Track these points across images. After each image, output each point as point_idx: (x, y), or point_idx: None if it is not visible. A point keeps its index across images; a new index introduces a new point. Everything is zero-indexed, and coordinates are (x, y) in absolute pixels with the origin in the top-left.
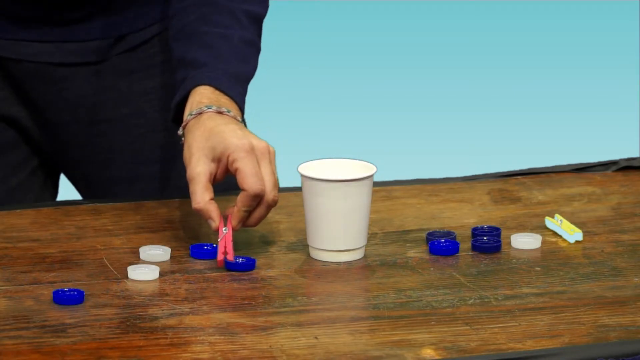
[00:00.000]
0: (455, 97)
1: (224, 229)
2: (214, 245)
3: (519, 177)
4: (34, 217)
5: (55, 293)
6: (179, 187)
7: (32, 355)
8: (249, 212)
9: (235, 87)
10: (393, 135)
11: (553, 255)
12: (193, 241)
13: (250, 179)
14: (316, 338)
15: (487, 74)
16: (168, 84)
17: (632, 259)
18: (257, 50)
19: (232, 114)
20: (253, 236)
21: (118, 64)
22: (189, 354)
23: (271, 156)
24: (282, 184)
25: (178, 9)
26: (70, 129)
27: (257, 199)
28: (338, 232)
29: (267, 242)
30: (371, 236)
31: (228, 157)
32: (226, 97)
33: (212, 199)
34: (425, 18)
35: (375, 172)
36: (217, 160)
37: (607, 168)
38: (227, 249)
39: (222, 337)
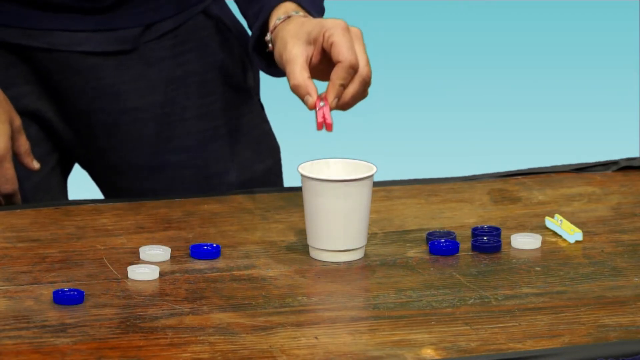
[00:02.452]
0: (455, 97)
1: (321, 102)
2: (214, 245)
3: (519, 177)
4: (34, 217)
5: (55, 293)
6: (207, 176)
7: (32, 355)
8: (344, 87)
9: (314, 7)
10: (393, 136)
11: (553, 255)
12: (193, 241)
13: (345, 50)
14: (316, 338)
15: (487, 74)
16: (197, 71)
17: (632, 259)
18: None
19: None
20: (253, 236)
21: (147, 52)
22: (189, 354)
23: (363, 40)
24: (276, 184)
25: None
26: (99, 118)
27: (352, 71)
28: (338, 232)
29: (267, 242)
30: (371, 236)
31: (324, 34)
32: (307, 13)
33: (309, 78)
34: (425, 18)
35: (375, 172)
36: (313, 41)
37: (607, 168)
38: (325, 120)
39: (222, 337)
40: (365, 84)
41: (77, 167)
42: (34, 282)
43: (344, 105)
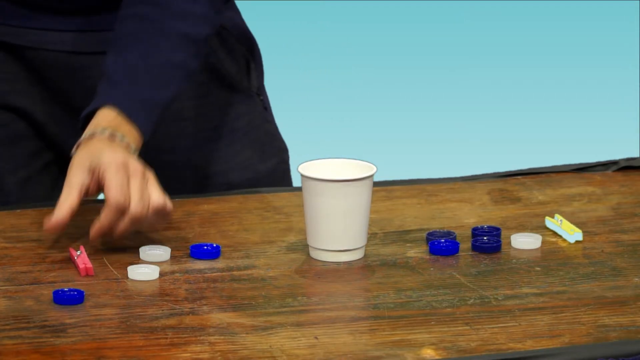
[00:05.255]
0: (455, 97)
1: (77, 252)
2: (214, 245)
3: (519, 177)
4: (34, 217)
5: (55, 293)
6: (207, 176)
7: (32, 355)
8: (111, 226)
9: (141, 113)
10: (393, 136)
11: (553, 255)
12: (193, 241)
13: (113, 190)
14: (316, 338)
15: (487, 73)
16: None
17: (632, 259)
18: (187, 72)
19: (125, 140)
20: (253, 236)
21: None
22: (189, 354)
23: (146, 176)
24: (282, 184)
25: (120, 16)
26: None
27: (119, 211)
28: (338, 232)
29: (267, 242)
30: (371, 236)
31: (99, 169)
32: (129, 122)
33: (71, 208)
34: (426, 18)
35: (375, 172)
36: (91, 172)
37: (607, 168)
38: (86, 265)
39: (222, 337)
40: (137, 221)
41: None
42: (34, 282)
43: (109, 237)
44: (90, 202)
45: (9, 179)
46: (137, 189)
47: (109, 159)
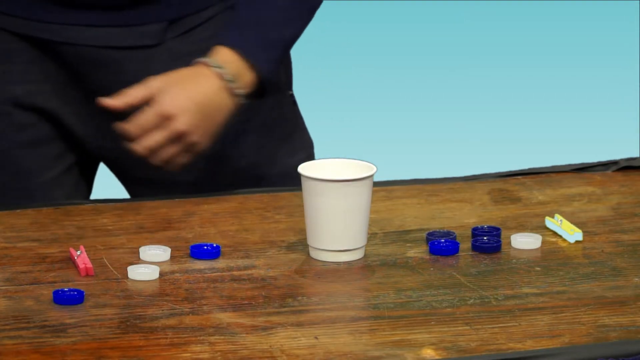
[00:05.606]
0: (455, 97)
1: (78, 252)
2: (214, 245)
3: (519, 177)
4: (34, 217)
5: (55, 293)
6: (238, 170)
7: (32, 355)
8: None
9: (262, 55)
10: (393, 136)
11: (553, 255)
12: (193, 241)
13: (133, 127)
14: (316, 338)
15: (487, 73)
16: None
17: (632, 259)
18: (310, 8)
19: (222, 70)
20: (253, 236)
21: (173, 47)
22: (189, 354)
23: (183, 139)
24: (282, 184)
25: None
26: (125, 113)
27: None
28: (338, 232)
29: (267, 242)
30: (371, 236)
31: (160, 99)
32: (246, 64)
33: (125, 103)
34: (425, 18)
35: (375, 172)
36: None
37: (607, 168)
38: (86, 265)
39: (222, 337)
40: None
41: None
42: (34, 282)
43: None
44: (90, 203)
45: (34, 180)
46: (159, 138)
47: (170, 101)
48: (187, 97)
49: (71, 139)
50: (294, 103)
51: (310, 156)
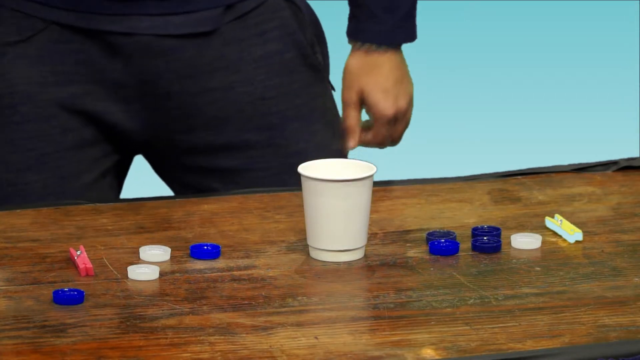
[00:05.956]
0: (455, 97)
1: (78, 252)
2: (214, 245)
3: (519, 177)
4: (34, 217)
5: (55, 293)
6: (287, 155)
7: (32, 355)
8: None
9: (401, 35)
10: None
11: (553, 255)
12: (193, 241)
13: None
14: (316, 338)
15: (487, 73)
16: (278, 51)
17: (632, 259)
18: None
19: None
20: (253, 236)
21: (228, 32)
22: (189, 354)
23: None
24: (282, 184)
25: None
26: (179, 100)
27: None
28: (338, 232)
29: (267, 242)
30: (371, 236)
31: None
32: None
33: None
34: (425, 17)
35: (375, 172)
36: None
37: (607, 168)
38: (86, 265)
39: (222, 337)
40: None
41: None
42: (34, 282)
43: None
44: (90, 203)
45: (72, 184)
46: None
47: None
48: (390, 84)
49: (114, 140)
50: (333, 90)
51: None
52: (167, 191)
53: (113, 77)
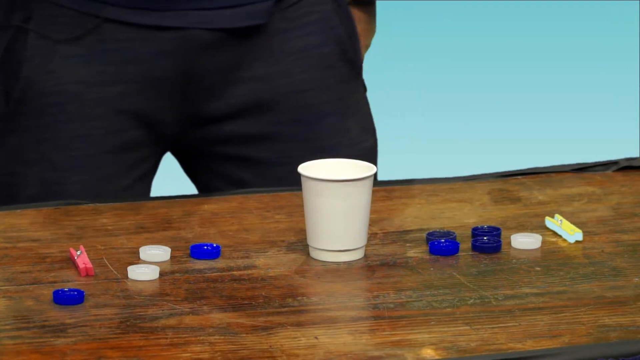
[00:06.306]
0: (455, 97)
1: (78, 251)
2: (214, 245)
3: (519, 177)
4: (34, 217)
5: (55, 293)
6: (319, 149)
7: (32, 355)
8: None
9: None
10: (393, 135)
11: (553, 255)
12: (193, 241)
13: None
14: (316, 338)
15: (487, 73)
16: (318, 44)
17: (632, 259)
18: None
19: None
20: (253, 236)
21: (270, 24)
22: (189, 354)
23: None
24: (282, 184)
25: None
26: (220, 89)
27: None
28: (338, 232)
29: (267, 242)
30: (371, 236)
31: None
32: None
33: None
34: (425, 17)
35: (375, 172)
36: None
37: (607, 168)
38: (86, 265)
39: (222, 337)
40: None
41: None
42: (34, 282)
43: None
44: (90, 203)
45: (109, 186)
46: None
47: None
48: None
49: (153, 138)
50: (365, 89)
51: (376, 142)
52: (168, 191)
53: (160, 74)
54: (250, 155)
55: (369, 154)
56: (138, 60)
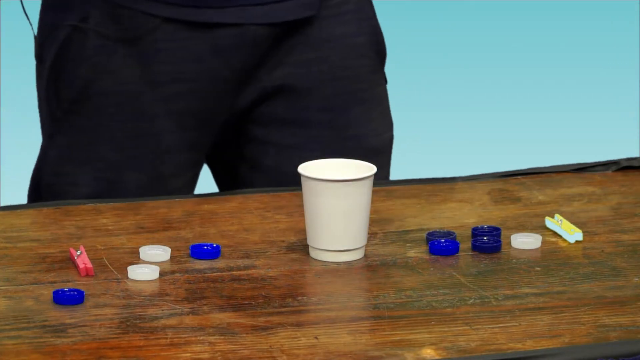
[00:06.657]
0: (455, 96)
1: (78, 251)
2: (214, 245)
3: (519, 177)
4: (34, 217)
5: (55, 293)
6: (345, 138)
7: (32, 355)
8: None
9: None
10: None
11: (553, 255)
12: (193, 241)
13: None
14: (316, 338)
15: (487, 73)
16: (353, 33)
17: (632, 259)
18: None
19: None
20: (253, 236)
21: (315, 17)
22: (189, 354)
23: None
24: (282, 184)
25: None
26: (259, 74)
27: None
28: (338, 232)
29: (267, 242)
30: (371, 236)
31: None
32: None
33: None
34: (425, 17)
35: (375, 172)
36: None
37: (607, 168)
38: (86, 265)
39: (222, 337)
40: None
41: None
42: (34, 282)
43: None
44: (90, 203)
45: (164, 187)
46: None
47: None
48: None
49: (207, 141)
50: (386, 81)
51: (393, 136)
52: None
53: (217, 72)
54: (275, 139)
55: (386, 147)
56: (196, 58)
